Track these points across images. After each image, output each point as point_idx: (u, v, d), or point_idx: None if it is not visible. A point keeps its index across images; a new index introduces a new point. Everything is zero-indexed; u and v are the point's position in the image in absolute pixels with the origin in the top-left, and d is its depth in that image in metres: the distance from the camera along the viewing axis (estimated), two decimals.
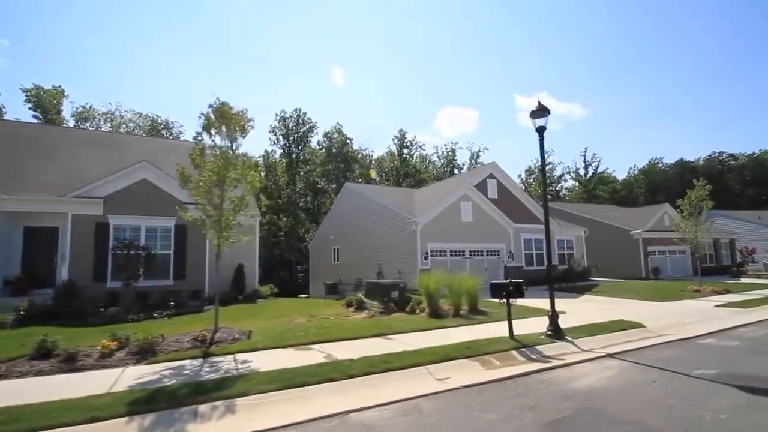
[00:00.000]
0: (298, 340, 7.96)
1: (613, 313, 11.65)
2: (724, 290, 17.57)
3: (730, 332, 9.09)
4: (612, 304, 14.10)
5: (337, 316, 11.15)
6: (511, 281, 7.93)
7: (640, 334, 8.77)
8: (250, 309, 12.55)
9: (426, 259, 19.05)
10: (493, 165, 23.13)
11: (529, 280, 21.51)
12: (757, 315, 11.37)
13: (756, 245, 39.28)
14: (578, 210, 34.67)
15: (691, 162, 72.17)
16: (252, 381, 5.36)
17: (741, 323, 10.08)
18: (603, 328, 9.04)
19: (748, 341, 8.02)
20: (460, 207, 20.62)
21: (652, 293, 16.66)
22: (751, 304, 13.44)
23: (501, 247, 21.69)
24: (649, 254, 28.42)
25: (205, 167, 8.42)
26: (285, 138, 56.18)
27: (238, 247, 16.10)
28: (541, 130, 8.89)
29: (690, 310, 12.36)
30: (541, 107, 8.80)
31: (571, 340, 7.95)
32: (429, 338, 8.18)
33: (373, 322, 10.06)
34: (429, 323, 9.93)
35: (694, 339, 8.39)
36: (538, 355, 7.01)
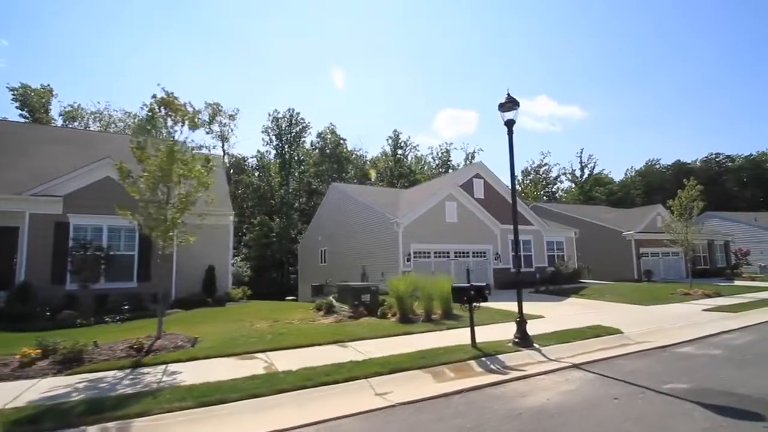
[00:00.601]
0: (246, 348, 7.37)
1: (594, 318, 11.07)
2: (715, 293, 17.02)
3: (713, 339, 8.52)
4: (596, 308, 13.53)
5: (302, 321, 10.57)
6: (472, 285, 7.35)
7: (616, 342, 8.20)
8: (214, 313, 11.97)
9: (408, 261, 18.47)
10: (479, 165, 22.58)
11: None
12: (745, 320, 10.81)
13: (752, 247, 38.75)
14: (570, 211, 34.13)
15: (688, 164, 71.74)
16: (163, 397, 4.78)
17: (726, 329, 9.52)
18: (577, 334, 8.47)
19: (731, 350, 7.45)
20: (445, 207, 20.06)
21: (639, 296, 16.09)
22: (741, 308, 12.88)
23: (487, 249, 21.13)
24: (641, 256, 27.86)
25: (147, 162, 7.82)
26: (278, 138, 55.65)
27: (209, 248, 15.63)
28: (510, 124, 8.34)
29: (675, 315, 11.79)
30: (510, 99, 8.25)
31: (539, 348, 7.37)
32: (388, 346, 7.61)
33: (337, 328, 9.48)
34: (395, 329, 9.36)
35: (672, 347, 7.82)
36: (498, 365, 6.44)
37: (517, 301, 8.12)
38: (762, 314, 11.89)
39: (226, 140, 49.47)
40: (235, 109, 48.51)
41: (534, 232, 22.97)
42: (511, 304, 14.12)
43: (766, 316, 11.62)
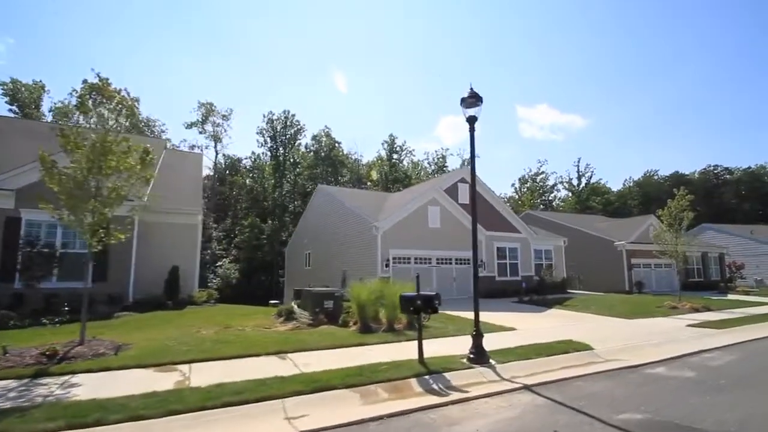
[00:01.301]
0: (172, 358, 6.71)
1: (571, 332, 10.42)
2: (704, 307, 16.33)
3: (690, 359, 7.84)
4: (576, 321, 12.85)
5: (255, 328, 9.91)
6: (419, 294, 6.68)
7: (584, 359, 7.53)
8: (168, 317, 11.30)
9: (387, 267, 17.81)
10: (465, 169, 21.96)
11: (500, 291, 20.49)
12: (729, 338, 10.13)
13: (747, 260, 38.06)
14: (563, 219, 33.50)
15: (686, 175, 71.19)
16: (32, 416, 4.12)
17: (707, 347, 8.84)
18: (544, 350, 7.80)
19: (706, 372, 6.79)
20: (428, 212, 19.43)
21: (625, 309, 15.42)
22: (728, 324, 12.21)
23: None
24: (633, 267, 27.17)
25: (75, 152, 7.20)
26: (272, 140, 55.16)
27: (174, 248, 14.99)
28: (471, 120, 7.74)
29: (657, 330, 11.12)
30: (472, 95, 7.66)
31: (494, 366, 6.70)
32: (332, 358, 6.95)
33: (287, 337, 8.81)
34: (350, 339, 8.69)
35: (643, 367, 7.14)
36: (441, 384, 5.77)
37: (474, 312, 7.44)
38: (748, 331, 11.22)
39: (219, 140, 48.93)
40: (228, 110, 48.03)
41: (521, 240, 22.32)
42: (487, 315, 13.54)
43: (752, 333, 10.96)
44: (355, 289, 10.10)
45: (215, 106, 46.85)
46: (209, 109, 46.35)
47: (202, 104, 46.22)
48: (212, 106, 46.62)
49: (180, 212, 14.92)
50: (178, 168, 19.54)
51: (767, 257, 37.93)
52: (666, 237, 18.23)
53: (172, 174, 18.26)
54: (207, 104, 46.38)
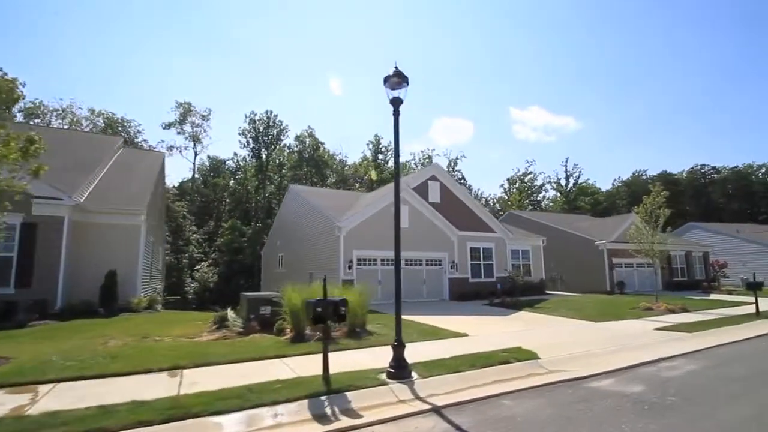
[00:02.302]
0: (40, 377, 5.74)
1: (526, 337, 9.59)
2: (681, 308, 15.57)
3: (645, 369, 7.00)
4: (539, 325, 12.00)
5: (177, 338, 8.94)
6: (320, 300, 5.75)
7: (524, 371, 6.66)
8: (90, 326, 10.26)
9: (350, 269, 16.89)
10: (435, 166, 21.17)
11: (474, 293, 19.62)
12: (696, 342, 9.32)
13: (733, 259, 37.57)
14: (545, 219, 32.81)
15: (674, 175, 71.03)
16: None
17: (669, 354, 8.02)
18: (481, 360, 6.91)
19: (657, 386, 5.93)
20: None
21: (597, 311, 14.62)
22: (700, 326, 11.41)
23: (443, 257, 19.60)
24: (614, 267, 26.46)
25: None
26: (255, 141, 54.12)
27: (113, 251, 13.95)
28: (396, 103, 6.83)
29: (622, 334, 10.29)
30: (397, 74, 6.77)
31: (413, 381, 5.81)
32: (231, 375, 6.03)
33: (199, 349, 7.85)
34: (271, 350, 7.75)
35: (587, 380, 6.28)
36: (337, 408, 4.86)
37: (395, 318, 6.53)
38: (720, 335, 10.43)
39: (198, 141, 47.74)
40: (206, 109, 46.86)
41: (496, 240, 21.49)
42: (448, 319, 12.71)
43: (724, 336, 10.17)
44: (288, 293, 9.17)
45: (194, 106, 45.72)
46: (187, 109, 45.22)
47: (180, 104, 45.10)
48: (190, 106, 45.49)
49: (120, 212, 13.91)
50: (131, 167, 18.52)
51: (753, 256, 37.52)
52: (641, 235, 17.49)
53: (122, 173, 17.26)
54: (185, 104, 45.31)
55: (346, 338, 8.98)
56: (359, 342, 8.61)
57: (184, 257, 42.00)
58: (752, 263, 37.19)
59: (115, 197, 14.54)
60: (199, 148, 49.07)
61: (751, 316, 14.05)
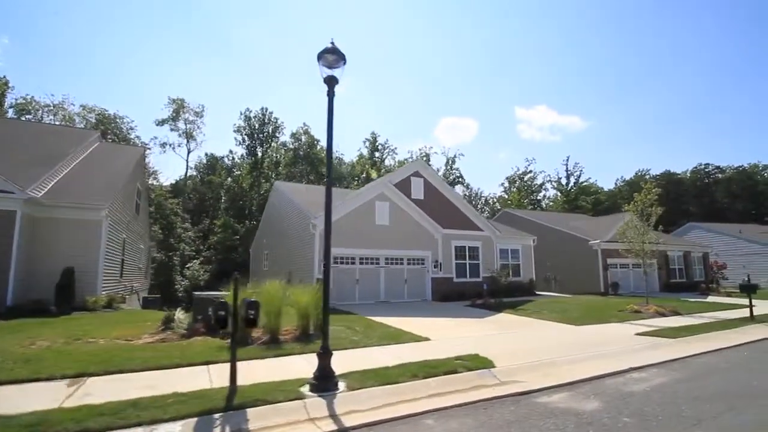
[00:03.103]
0: None
1: (493, 342, 8.95)
2: (672, 311, 14.81)
3: (609, 381, 6.28)
4: (512, 328, 11.28)
5: (113, 339, 8.31)
6: (223, 302, 5.08)
7: (471, 382, 5.96)
8: (26, 325, 9.58)
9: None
10: (419, 162, 20.46)
11: (458, 293, 18.88)
12: (677, 350, 8.57)
13: (736, 260, 36.59)
14: (539, 218, 32.00)
15: (677, 174, 69.75)
16: None
17: (642, 363, 7.28)
18: (427, 369, 6.22)
19: (615, 402, 5.22)
20: (375, 208, 17.86)
21: (581, 313, 13.87)
22: (687, 331, 10.64)
23: (426, 255, 18.89)
24: (608, 267, 25.61)
25: None
26: (250, 138, 53.62)
27: (72, 248, 13.37)
28: (331, 82, 6.13)
29: (598, 340, 9.55)
30: (333, 50, 6.10)
31: (334, 395, 5.14)
32: (138, 385, 5.38)
33: (123, 353, 7.18)
34: (202, 356, 7.08)
35: (538, 393, 5.58)
36: (230, 427, 4.20)
37: (323, 321, 5.86)
38: (706, 341, 9.67)
39: (191, 138, 47.25)
40: (200, 106, 46.36)
41: (483, 239, 20.74)
42: (419, 321, 12.06)
43: (710, 343, 9.41)
44: (247, 294, 8.51)
45: (187, 103, 45.24)
46: (180, 105, 44.74)
47: (173, 100, 44.64)
48: (183, 102, 45.02)
49: (81, 207, 13.32)
50: (104, 161, 17.97)
51: (756, 257, 36.51)
52: (632, 234, 16.70)
53: (92, 167, 16.71)
54: (178, 100, 44.84)
55: (294, 342, 8.33)
56: (305, 346, 7.95)
57: (176, 255, 41.53)
58: (755, 264, 36.19)
59: (77, 191, 13.96)
60: (193, 145, 48.61)
61: (746, 320, 13.26)
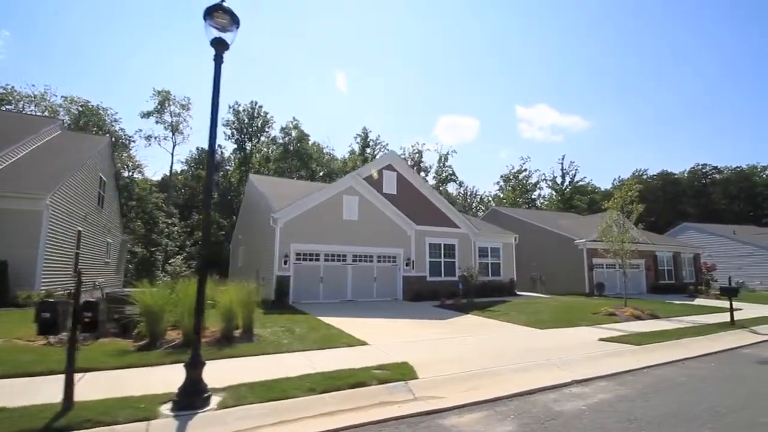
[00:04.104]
0: None
1: (433, 348, 8.18)
2: (649, 314, 13.96)
3: (541, 396, 5.44)
4: (469, 332, 10.43)
5: (10, 339, 7.43)
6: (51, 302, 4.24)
7: (376, 397, 5.12)
8: None
9: (286, 264, 15.38)
10: (392, 155, 19.57)
11: (432, 293, 18.02)
12: (636, 359, 7.73)
13: (729, 262, 35.80)
14: (526, 216, 31.15)
15: (675, 174, 68.87)
16: None
17: (589, 375, 6.45)
18: (330, 381, 5.39)
19: (535, 425, 4.39)
20: (343, 202, 17.00)
21: (552, 316, 13.04)
22: (655, 338, 9.77)
23: (398, 253, 18.04)
24: (594, 267, 24.74)
25: None
26: (239, 132, 52.74)
27: (6, 240, 12.54)
28: (219, 46, 5.23)
29: (556, 345, 8.71)
30: (225, 9, 5.19)
31: (190, 415, 4.29)
32: None
33: (6, 354, 6.37)
34: (85, 361, 6.24)
35: (447, 413, 4.74)
36: None
37: (195, 322, 5.01)
38: (673, 349, 8.83)
39: (177, 131, 46.28)
40: (185, 98, 45.42)
41: (460, 236, 19.89)
42: (372, 322, 11.26)
43: (676, 351, 8.58)
44: (142, 292, 7.68)
45: (172, 95, 44.31)
46: (165, 96, 43.82)
47: (158, 92, 43.70)
48: (169, 94, 44.07)
49: (17, 196, 12.49)
50: (60, 151, 17.12)
51: (750, 258, 35.72)
52: (611, 233, 15.85)
53: (44, 156, 15.85)
54: (163, 92, 43.87)
55: (209, 346, 7.48)
56: (217, 351, 7.11)
57: (158, 250, 40.74)
58: (749, 266, 35.40)
59: (20, 180, 13.14)
60: (180, 138, 47.67)
61: (725, 325, 12.41)
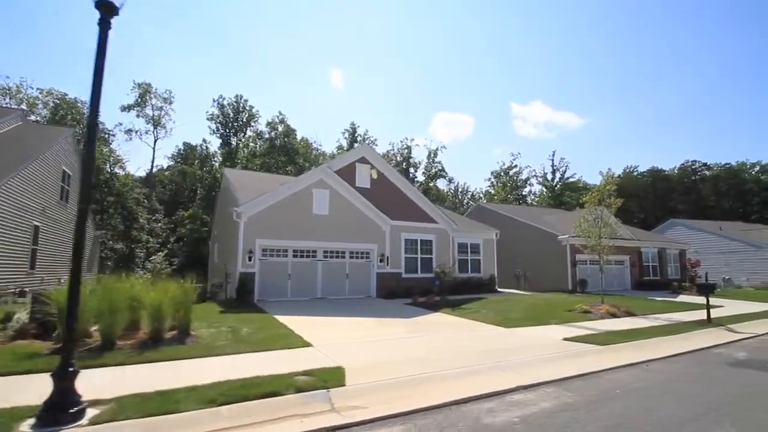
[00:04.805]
0: None
1: (386, 349, 7.67)
2: (626, 312, 13.52)
3: (474, 406, 4.86)
4: (432, 330, 9.88)
5: None
6: None
7: (288, 409, 4.52)
8: None
9: (250, 260, 14.73)
10: (365, 147, 18.94)
11: (407, 290, 17.43)
12: (597, 361, 7.20)
13: (716, 258, 35.65)
14: (511, 212, 30.65)
15: (665, 170, 68.79)
16: None
17: (535, 381, 5.88)
18: (238, 390, 4.79)
19: None
20: (312, 196, 16.34)
21: (523, 314, 12.52)
22: (623, 337, 9.25)
23: (371, 248, 17.43)
24: (577, 263, 24.31)
25: None
26: (224, 127, 51.77)
27: None
28: (107, 11, 4.53)
29: (517, 344, 8.17)
30: None
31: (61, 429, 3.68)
32: None
33: None
34: None
35: (360, 427, 4.16)
36: None
37: (66, 325, 4.36)
38: (641, 349, 8.32)
39: (159, 125, 45.20)
40: (167, 91, 44.38)
41: (437, 231, 19.32)
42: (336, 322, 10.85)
43: (642, 352, 8.05)
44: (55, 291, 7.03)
45: (154, 88, 43.26)
46: (146, 90, 42.77)
47: (139, 85, 42.65)
48: (150, 87, 43.02)
49: None
50: (14, 142, 16.29)
51: (737, 255, 35.57)
52: (588, 228, 15.36)
53: None
54: (144, 85, 42.82)
55: (132, 349, 6.84)
56: (136, 356, 6.46)
57: (138, 247, 39.85)
58: (735, 262, 35.26)
59: None
60: (162, 133, 46.64)
61: (701, 323, 11.98)
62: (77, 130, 41.62)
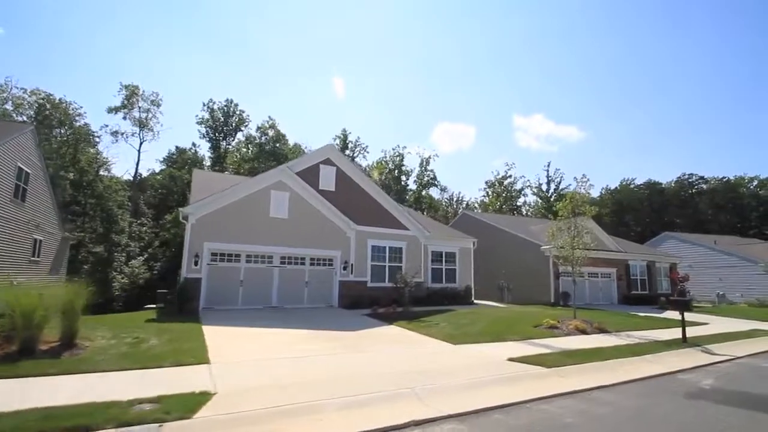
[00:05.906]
0: None
1: (305, 368, 6.68)
2: (597, 328, 12.49)
3: None
4: (371, 346, 8.88)
5: None
6: None
7: None
8: None
9: (197, 265, 13.77)
10: (330, 147, 17.97)
11: (372, 300, 16.34)
12: (533, 388, 6.17)
13: (710, 273, 34.55)
14: (496, 221, 29.63)
15: (661, 184, 67.80)
16: None
17: (439, 414, 4.88)
18: (43, 423, 3.82)
19: None
20: (270, 198, 15.42)
21: (485, 329, 11.49)
22: (579, 358, 8.22)
23: (335, 255, 16.45)
24: (561, 275, 23.18)
25: None
26: (214, 131, 51.18)
27: None
28: None
29: (452, 366, 7.15)
30: None
31: None
32: None
33: None
34: None
35: None
36: None
37: None
38: (592, 373, 7.28)
39: (146, 127, 44.48)
40: (154, 93, 43.80)
41: (408, 239, 18.33)
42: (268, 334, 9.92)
43: (592, 377, 7.01)
44: None
45: (140, 89, 42.68)
46: (132, 91, 42.20)
47: (125, 86, 42.09)
48: (137, 89, 42.45)
49: None
50: None
51: (731, 270, 34.43)
52: (562, 238, 14.39)
53: None
54: (131, 86, 42.24)
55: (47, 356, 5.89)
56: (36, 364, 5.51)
57: (117, 251, 38.85)
58: (730, 277, 34.10)
59: None
60: (150, 135, 45.92)
61: (676, 343, 10.92)
62: (61, 131, 41.48)
